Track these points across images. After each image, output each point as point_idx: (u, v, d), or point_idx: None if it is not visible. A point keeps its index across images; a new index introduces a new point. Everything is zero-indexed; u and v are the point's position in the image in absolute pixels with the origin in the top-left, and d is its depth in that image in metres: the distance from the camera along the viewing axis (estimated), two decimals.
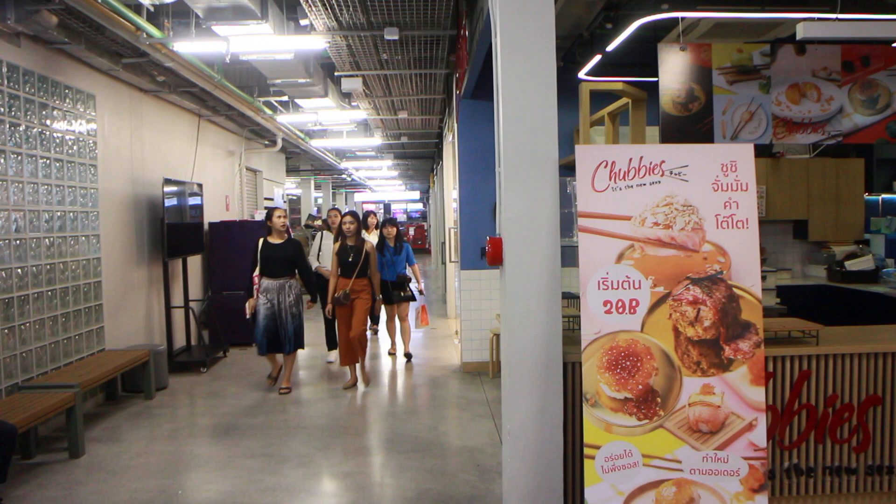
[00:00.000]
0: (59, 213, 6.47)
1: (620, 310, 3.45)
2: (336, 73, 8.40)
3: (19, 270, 5.86)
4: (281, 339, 7.41)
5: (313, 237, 10.42)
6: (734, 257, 3.48)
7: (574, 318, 4.51)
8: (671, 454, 3.40)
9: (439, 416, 6.45)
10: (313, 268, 8.80)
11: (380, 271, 8.31)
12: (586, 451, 3.41)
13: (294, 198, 25.57)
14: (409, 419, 6.40)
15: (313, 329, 10.56)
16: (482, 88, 7.27)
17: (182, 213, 8.97)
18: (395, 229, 9.04)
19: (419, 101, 10.66)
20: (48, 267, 6.28)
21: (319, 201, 29.52)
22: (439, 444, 5.61)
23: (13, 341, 5.77)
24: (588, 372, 3.43)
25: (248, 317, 7.38)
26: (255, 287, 7.41)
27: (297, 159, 18.46)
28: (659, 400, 3.41)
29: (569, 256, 3.90)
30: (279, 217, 7.48)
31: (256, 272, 7.43)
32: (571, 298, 5.26)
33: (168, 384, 7.79)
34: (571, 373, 3.86)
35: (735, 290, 3.46)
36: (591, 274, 3.47)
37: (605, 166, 3.52)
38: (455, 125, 8.45)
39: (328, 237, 9.20)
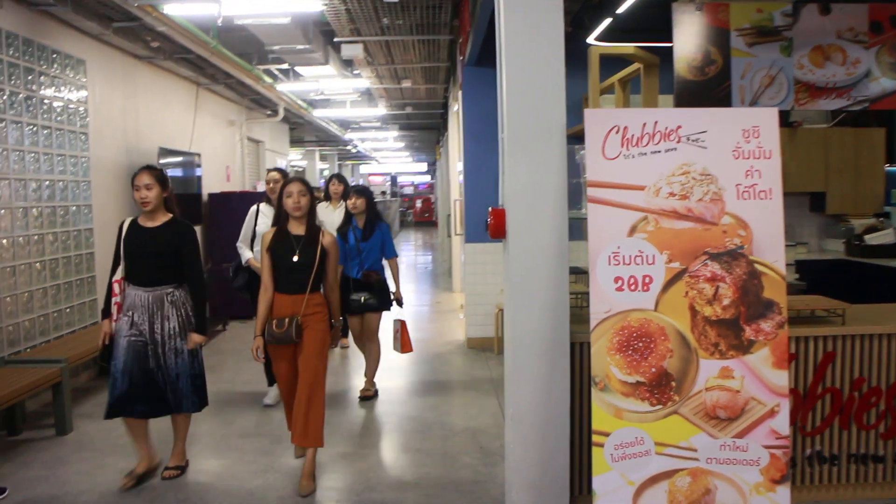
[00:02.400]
0: (47, 182, 6.23)
1: (633, 287, 3.20)
2: (336, 39, 8.10)
3: (4, 241, 5.63)
4: (161, 392, 4.33)
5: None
6: (756, 230, 3.22)
7: (583, 295, 4.27)
8: (686, 442, 3.17)
9: (442, 395, 6.24)
10: (244, 260, 5.90)
11: (340, 263, 5.58)
12: (594, 437, 3.18)
13: (300, 169, 25.34)
14: (410, 398, 6.19)
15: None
16: (487, 54, 6.96)
17: (179, 183, 8.74)
18: (363, 200, 6.06)
19: (423, 70, 10.35)
20: (36, 237, 6.05)
21: (325, 173, 29.26)
22: (441, 425, 5.39)
23: None
24: (597, 353, 3.19)
25: (99, 347, 4.43)
26: (114, 301, 4.38)
27: (301, 130, 18.18)
28: (673, 384, 3.17)
29: (577, 229, 3.64)
30: (136, 188, 4.30)
31: (118, 275, 4.39)
32: (580, 274, 5.01)
33: None
34: (580, 354, 3.62)
35: (757, 265, 3.21)
36: (601, 248, 3.21)
37: (617, 132, 3.25)
38: (459, 93, 8.17)
39: (268, 212, 5.80)
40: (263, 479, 4.41)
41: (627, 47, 5.62)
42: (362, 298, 5.95)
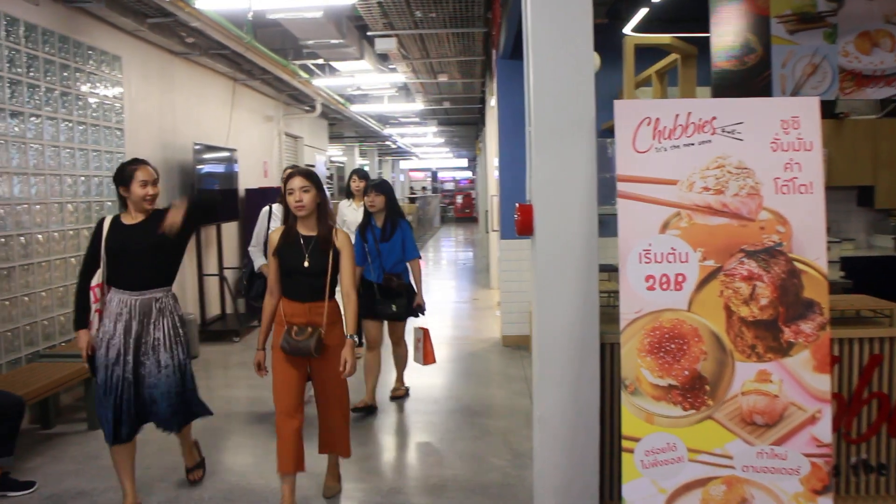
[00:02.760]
0: (82, 178, 6.28)
1: (665, 286, 3.06)
2: (369, 33, 8.04)
3: (40, 236, 5.68)
4: (148, 410, 3.90)
5: None
6: (796, 226, 3.05)
7: (614, 294, 4.13)
8: (721, 449, 3.02)
9: (474, 394, 6.13)
10: (256, 267, 5.61)
11: (360, 265, 5.39)
12: (624, 443, 3.05)
13: (341, 165, 25.43)
14: (441, 396, 6.09)
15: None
16: (520, 47, 6.76)
17: (215, 178, 8.75)
18: (382, 198, 5.50)
19: (458, 64, 10.25)
20: (72, 233, 6.09)
21: (366, 168, 29.35)
22: (471, 425, 5.29)
23: (34, 308, 5.61)
24: (627, 355, 3.06)
25: (84, 363, 3.97)
26: (93, 309, 3.90)
27: (341, 126, 18.20)
28: (707, 388, 3.03)
29: (611, 225, 3.51)
30: (143, 183, 3.85)
31: (97, 280, 3.88)
32: (612, 271, 4.87)
33: (199, 353, 7.61)
34: (610, 355, 3.49)
35: (796, 263, 3.04)
36: (631, 245, 3.08)
37: (648, 124, 3.11)
38: (494, 87, 8.05)
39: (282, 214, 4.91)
40: None
41: (664, 37, 5.44)
42: (393, 307, 5.45)
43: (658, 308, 3.06)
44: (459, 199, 38.03)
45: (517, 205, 3.42)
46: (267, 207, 5.75)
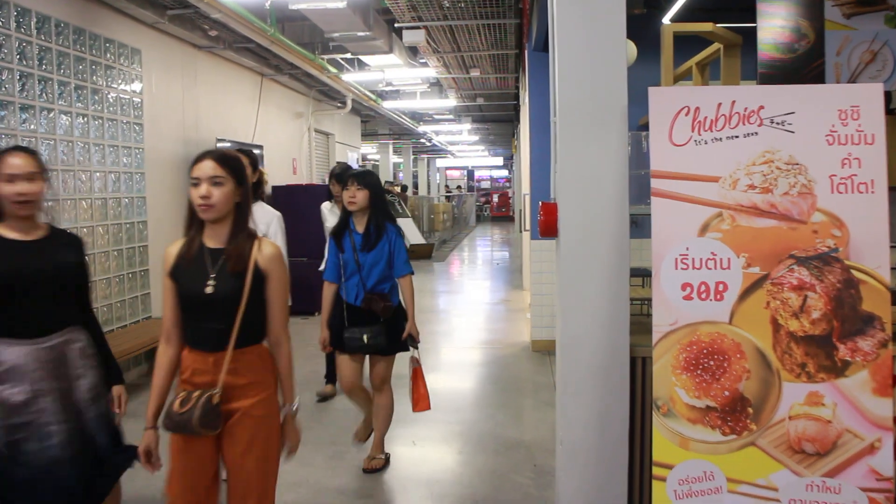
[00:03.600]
0: (98, 174, 6.10)
1: (703, 295, 2.73)
2: (397, 25, 7.78)
3: None
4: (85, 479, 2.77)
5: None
6: (854, 230, 2.70)
7: (647, 302, 3.79)
8: (765, 479, 2.68)
9: (499, 404, 5.81)
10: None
11: (334, 282, 4.28)
12: (655, 470, 2.73)
13: (375, 162, 25.31)
14: (464, 405, 5.78)
15: None
16: None
17: None
18: (365, 192, 4.15)
19: (490, 58, 9.97)
20: (85, 230, 5.92)
21: (402, 166, 29.26)
22: (494, 437, 4.98)
23: None
24: (660, 372, 2.74)
25: None
26: None
27: (374, 123, 18.06)
28: (750, 410, 2.69)
29: (647, 226, 3.20)
30: (10, 179, 2.65)
31: None
32: (648, 276, 4.53)
33: None
34: (641, 371, 3.16)
35: (854, 272, 2.69)
36: (666, 249, 2.76)
37: (687, 114, 2.78)
38: (526, 81, 7.74)
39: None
40: (296, 493, 4.08)
41: (705, 25, 5.07)
42: (364, 337, 4.11)
43: (696, 320, 2.73)
44: (496, 198, 37.72)
45: (540, 203, 3.12)
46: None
